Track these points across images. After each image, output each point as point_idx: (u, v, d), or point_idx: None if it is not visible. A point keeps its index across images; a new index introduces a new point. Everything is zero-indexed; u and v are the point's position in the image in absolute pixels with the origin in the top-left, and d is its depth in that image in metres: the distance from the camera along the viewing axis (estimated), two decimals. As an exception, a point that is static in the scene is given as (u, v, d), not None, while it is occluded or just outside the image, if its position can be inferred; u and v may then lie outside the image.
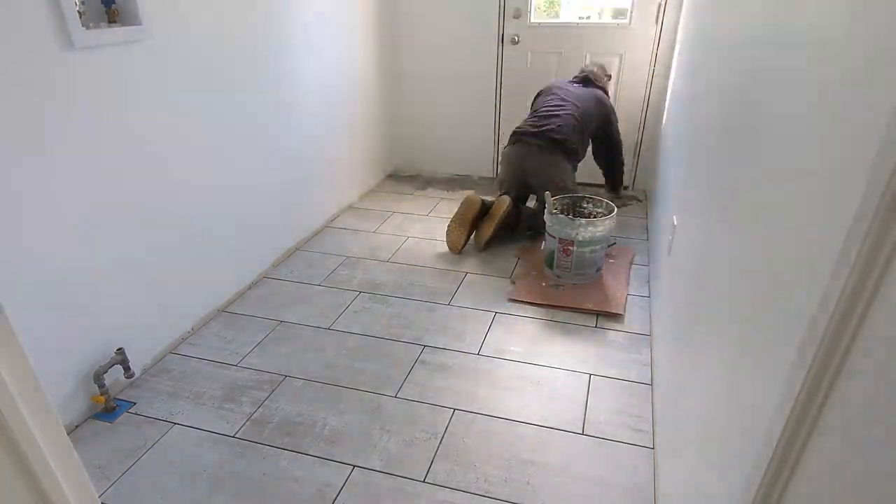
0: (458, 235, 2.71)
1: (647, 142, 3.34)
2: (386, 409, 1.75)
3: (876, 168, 0.47)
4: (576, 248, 2.35)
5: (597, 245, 2.37)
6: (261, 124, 2.40)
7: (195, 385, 1.87)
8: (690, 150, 1.83)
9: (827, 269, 0.53)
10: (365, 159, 3.50)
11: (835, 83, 0.64)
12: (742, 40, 1.22)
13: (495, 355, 2.00)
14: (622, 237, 2.87)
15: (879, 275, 0.47)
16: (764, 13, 1.05)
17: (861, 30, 0.59)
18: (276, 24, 2.40)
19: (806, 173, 0.69)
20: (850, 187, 0.52)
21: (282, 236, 2.69)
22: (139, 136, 1.78)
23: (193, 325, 2.15)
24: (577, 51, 3.28)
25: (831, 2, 0.69)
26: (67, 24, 1.48)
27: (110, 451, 1.60)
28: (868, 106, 0.54)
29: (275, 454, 1.59)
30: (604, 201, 2.54)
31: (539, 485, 1.49)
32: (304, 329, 2.16)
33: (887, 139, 0.46)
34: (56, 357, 1.61)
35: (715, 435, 0.95)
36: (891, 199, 0.44)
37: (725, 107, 1.30)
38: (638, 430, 1.66)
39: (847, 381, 0.52)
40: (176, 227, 1.98)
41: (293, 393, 1.83)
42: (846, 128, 0.59)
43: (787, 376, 0.60)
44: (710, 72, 1.62)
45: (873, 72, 0.54)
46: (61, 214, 1.56)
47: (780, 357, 0.64)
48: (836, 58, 0.64)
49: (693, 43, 2.19)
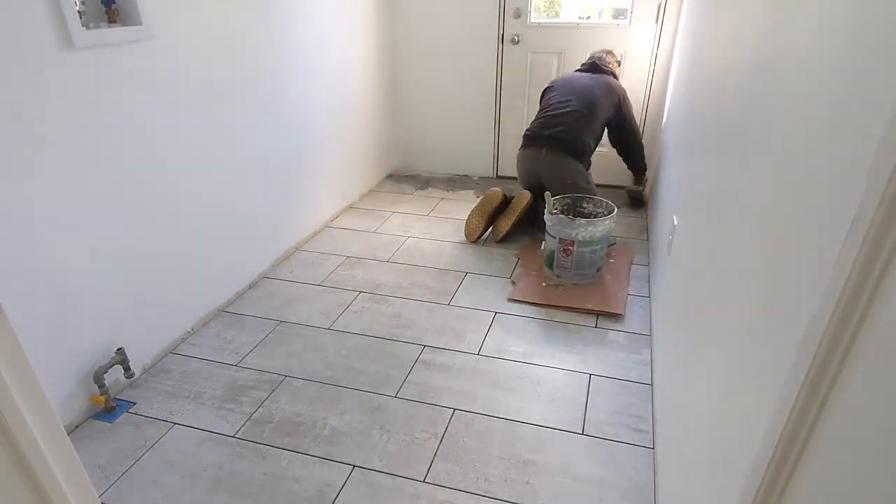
0: (476, 225, 2.80)
1: (648, 142, 3.34)
2: (386, 409, 1.75)
3: (876, 168, 0.47)
4: (576, 248, 2.36)
5: (597, 245, 2.37)
6: (261, 124, 2.40)
7: (195, 385, 1.87)
8: (690, 149, 1.83)
9: (827, 269, 0.53)
10: (365, 159, 3.50)
11: (835, 83, 0.64)
12: (742, 36, 1.22)
13: (495, 355, 2.00)
14: (622, 237, 2.87)
15: (879, 275, 0.47)
16: (764, 8, 1.05)
17: (862, 28, 0.59)
18: (276, 24, 2.40)
19: (806, 172, 0.69)
20: (850, 187, 0.52)
21: (282, 236, 2.69)
22: (139, 136, 1.78)
23: (193, 324, 2.15)
24: (577, 51, 3.28)
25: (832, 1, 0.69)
26: (67, 23, 1.48)
27: (110, 451, 1.61)
28: (868, 105, 0.54)
29: (275, 454, 1.59)
30: (604, 201, 2.54)
31: (539, 485, 1.49)
32: (304, 329, 2.16)
33: (887, 139, 0.46)
34: (56, 357, 1.61)
35: (715, 435, 0.95)
36: (890, 200, 0.44)
37: (725, 106, 1.30)
38: (638, 430, 1.66)
39: (847, 381, 0.52)
40: (176, 227, 1.99)
41: (293, 393, 1.83)
42: (846, 127, 0.59)
43: (786, 376, 0.60)
44: (711, 71, 1.62)
45: (874, 71, 0.54)
46: (61, 214, 1.56)
47: (780, 357, 0.64)
48: (837, 57, 0.64)
49: (693, 42, 2.19)
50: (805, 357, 0.55)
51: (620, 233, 2.90)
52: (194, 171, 2.04)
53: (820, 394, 0.54)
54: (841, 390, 0.52)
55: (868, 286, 0.48)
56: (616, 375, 1.89)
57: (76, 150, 1.57)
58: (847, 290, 0.49)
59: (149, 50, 1.77)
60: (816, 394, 0.55)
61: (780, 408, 0.60)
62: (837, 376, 0.52)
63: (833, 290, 0.51)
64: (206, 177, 2.10)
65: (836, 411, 0.53)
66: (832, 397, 0.53)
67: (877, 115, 0.50)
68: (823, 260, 0.55)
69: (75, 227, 1.61)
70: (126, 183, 1.75)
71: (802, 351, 0.56)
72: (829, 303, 0.52)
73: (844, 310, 0.50)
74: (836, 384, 0.53)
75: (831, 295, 0.51)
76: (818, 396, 0.54)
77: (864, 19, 0.58)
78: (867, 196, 0.47)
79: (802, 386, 0.55)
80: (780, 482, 0.61)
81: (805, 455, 0.58)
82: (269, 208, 2.54)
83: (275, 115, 2.49)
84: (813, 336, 0.54)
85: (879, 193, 0.45)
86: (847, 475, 0.50)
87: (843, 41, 0.63)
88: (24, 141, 1.43)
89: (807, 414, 0.56)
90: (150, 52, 1.77)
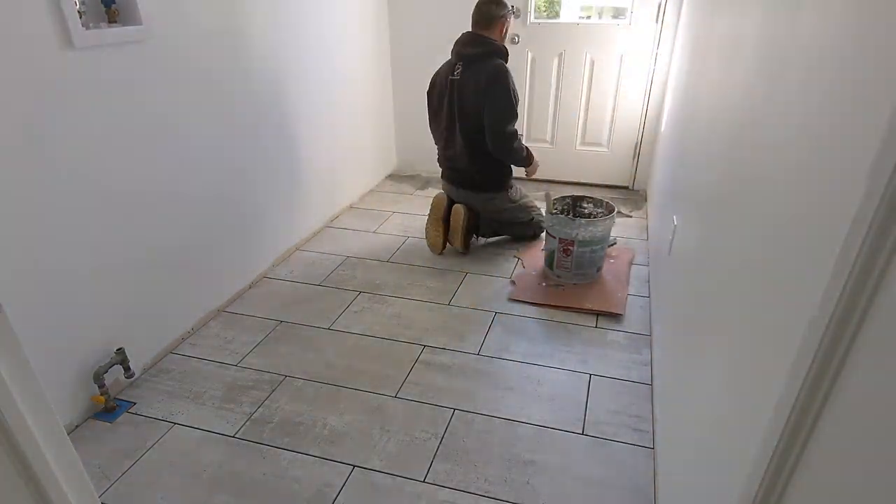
0: (436, 237, 2.69)
1: (647, 142, 3.34)
2: (386, 409, 1.75)
3: (876, 167, 0.47)
4: (576, 248, 2.36)
5: (597, 245, 2.37)
6: (261, 124, 2.40)
7: (195, 385, 1.87)
8: (690, 149, 1.83)
9: (827, 269, 0.53)
10: (365, 159, 3.50)
11: (835, 82, 0.64)
12: (742, 36, 1.22)
13: (495, 355, 2.00)
14: (622, 237, 2.87)
15: (879, 275, 0.46)
16: (764, 9, 1.05)
17: (863, 25, 0.59)
18: (276, 24, 2.40)
19: (807, 172, 0.69)
20: (850, 187, 0.52)
21: (282, 236, 2.69)
22: (139, 135, 1.78)
23: (193, 324, 2.15)
24: (577, 51, 3.28)
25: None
26: (67, 23, 1.48)
27: (110, 451, 1.61)
28: (868, 105, 0.54)
29: (275, 454, 1.59)
30: (604, 201, 2.54)
31: (539, 485, 1.49)
32: (304, 329, 2.16)
33: (887, 139, 0.46)
34: (56, 357, 1.61)
35: (715, 435, 0.95)
36: (890, 200, 0.44)
37: (725, 106, 1.30)
38: (638, 430, 1.66)
39: (847, 381, 0.52)
40: (175, 226, 1.98)
41: (293, 393, 1.83)
42: (846, 127, 0.59)
43: (787, 376, 0.60)
44: (711, 70, 1.62)
45: (874, 69, 0.54)
46: (61, 214, 1.56)
47: (780, 356, 0.64)
48: (838, 56, 0.64)
49: (693, 41, 2.19)
50: (805, 357, 0.55)
51: (620, 232, 2.90)
52: (194, 171, 2.04)
53: (820, 394, 0.54)
54: (841, 390, 0.52)
55: (868, 286, 0.48)
56: (616, 375, 1.89)
57: (76, 149, 1.57)
58: (847, 290, 0.49)
59: (149, 50, 1.77)
60: (816, 394, 0.55)
61: (780, 408, 0.60)
62: (837, 376, 0.52)
63: (833, 290, 0.51)
64: (205, 176, 2.10)
65: (837, 411, 0.53)
66: (832, 397, 0.53)
67: (877, 114, 0.50)
68: (824, 260, 0.55)
69: (75, 227, 1.61)
70: (126, 182, 1.75)
71: (802, 351, 0.56)
72: (829, 303, 0.52)
73: (844, 310, 0.50)
74: (836, 384, 0.53)
75: (831, 295, 0.51)
76: (818, 396, 0.54)
77: (865, 16, 0.58)
78: (867, 196, 0.47)
79: (802, 386, 0.55)
80: (780, 482, 0.61)
81: (805, 455, 0.58)
82: (269, 208, 2.54)
83: (275, 114, 2.49)
84: (813, 336, 0.54)
85: (879, 193, 0.45)
86: (847, 475, 0.50)
87: (845, 36, 0.63)
88: (25, 140, 1.43)
89: (807, 413, 0.56)
90: (151, 51, 1.77)
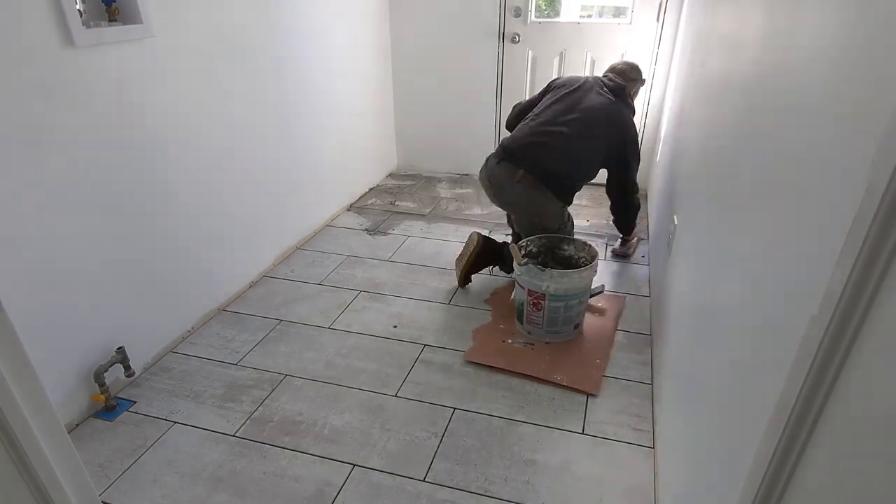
0: (457, 273, 2.44)
1: (648, 141, 3.34)
2: (386, 409, 1.75)
3: (876, 168, 0.47)
4: (547, 302, 1.95)
5: (573, 300, 1.95)
6: (261, 123, 2.40)
7: (195, 384, 1.87)
8: (690, 149, 1.83)
9: (827, 269, 0.53)
10: (366, 158, 3.50)
11: (835, 82, 0.64)
12: (742, 36, 1.22)
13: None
14: (612, 282, 2.46)
15: (880, 275, 0.46)
16: (765, 8, 1.05)
17: (862, 25, 0.58)
18: (276, 23, 2.40)
19: (807, 172, 0.69)
20: (850, 187, 0.52)
21: (282, 235, 2.69)
22: (139, 134, 1.78)
23: (194, 323, 2.15)
24: (577, 50, 3.28)
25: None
26: (68, 22, 1.48)
27: (110, 450, 1.61)
28: (869, 104, 0.54)
29: (275, 453, 1.59)
30: (588, 245, 2.11)
31: (539, 485, 1.49)
32: (304, 328, 2.16)
33: (887, 138, 0.46)
34: (56, 356, 1.62)
35: (715, 435, 0.95)
36: (891, 200, 0.44)
37: (725, 105, 1.30)
38: (638, 430, 1.66)
39: (847, 381, 0.52)
40: (176, 225, 1.98)
41: (293, 392, 1.83)
42: (846, 126, 0.59)
43: (787, 376, 0.60)
44: (711, 70, 1.62)
45: (875, 69, 0.54)
46: (61, 213, 1.56)
47: (780, 356, 0.64)
48: (839, 53, 0.64)
49: (694, 41, 2.19)
50: (805, 357, 0.55)
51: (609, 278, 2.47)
52: (195, 170, 2.04)
53: (820, 394, 0.54)
54: (841, 390, 0.52)
55: (868, 286, 0.47)
56: (616, 375, 1.89)
57: (76, 148, 1.57)
58: (847, 290, 0.49)
59: (149, 48, 1.76)
60: (817, 394, 0.55)
61: (780, 408, 0.60)
62: (838, 377, 0.52)
63: (833, 290, 0.51)
64: (206, 175, 2.10)
65: (837, 411, 0.53)
66: (832, 398, 0.53)
67: (877, 114, 0.50)
68: (824, 260, 0.55)
69: (76, 226, 1.61)
70: (126, 181, 1.75)
71: (803, 350, 0.56)
72: (829, 303, 0.52)
73: (845, 310, 0.50)
74: (836, 384, 0.53)
75: (832, 295, 0.51)
76: (818, 396, 0.54)
77: (865, 15, 0.58)
78: (867, 196, 0.47)
79: (802, 386, 0.55)
80: (780, 482, 0.61)
81: (805, 455, 0.58)
82: (270, 207, 2.54)
83: (275, 113, 2.49)
84: (813, 336, 0.54)
85: (880, 193, 0.45)
86: (847, 475, 0.50)
87: (844, 38, 0.63)
88: (25, 140, 1.43)
89: (807, 414, 0.56)
90: (151, 50, 1.77)
